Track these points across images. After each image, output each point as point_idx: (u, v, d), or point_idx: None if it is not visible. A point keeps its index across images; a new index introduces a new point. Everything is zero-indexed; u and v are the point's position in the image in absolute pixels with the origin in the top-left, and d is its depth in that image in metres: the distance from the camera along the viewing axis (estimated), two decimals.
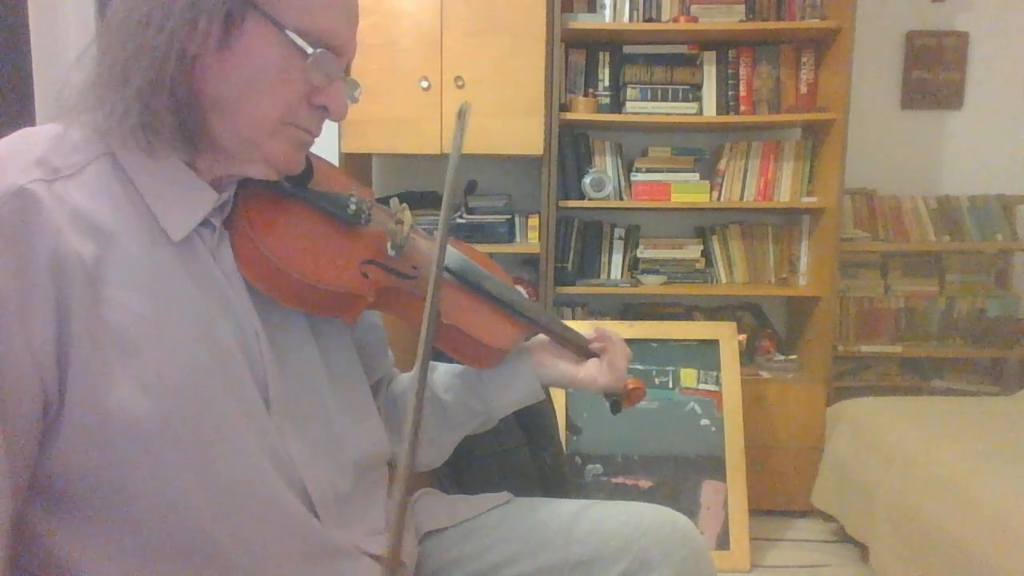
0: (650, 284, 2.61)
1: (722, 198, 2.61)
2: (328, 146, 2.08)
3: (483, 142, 2.35)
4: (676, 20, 2.48)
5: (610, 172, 2.61)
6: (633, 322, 2.52)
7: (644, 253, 2.68)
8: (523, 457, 1.59)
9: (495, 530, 0.91)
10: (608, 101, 2.60)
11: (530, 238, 2.55)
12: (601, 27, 2.50)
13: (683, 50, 2.58)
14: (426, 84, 2.34)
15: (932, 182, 2.86)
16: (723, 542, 2.20)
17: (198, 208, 0.70)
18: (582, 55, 2.60)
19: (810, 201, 2.55)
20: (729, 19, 2.51)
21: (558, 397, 2.26)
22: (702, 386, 2.33)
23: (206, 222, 0.71)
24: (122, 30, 0.67)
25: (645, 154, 2.67)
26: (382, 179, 2.84)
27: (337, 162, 2.39)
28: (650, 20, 2.54)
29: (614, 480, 2.26)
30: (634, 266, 2.71)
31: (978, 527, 1.60)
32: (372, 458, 0.85)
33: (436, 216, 0.78)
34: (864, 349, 2.65)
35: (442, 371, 0.99)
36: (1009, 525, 1.53)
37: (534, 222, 2.55)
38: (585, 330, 1.00)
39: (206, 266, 0.70)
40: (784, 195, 2.60)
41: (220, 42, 0.67)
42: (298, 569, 0.72)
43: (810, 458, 2.42)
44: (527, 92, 2.35)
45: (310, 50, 0.69)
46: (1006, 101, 2.83)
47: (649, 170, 2.61)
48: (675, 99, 2.55)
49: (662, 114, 2.54)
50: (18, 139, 0.67)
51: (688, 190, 2.59)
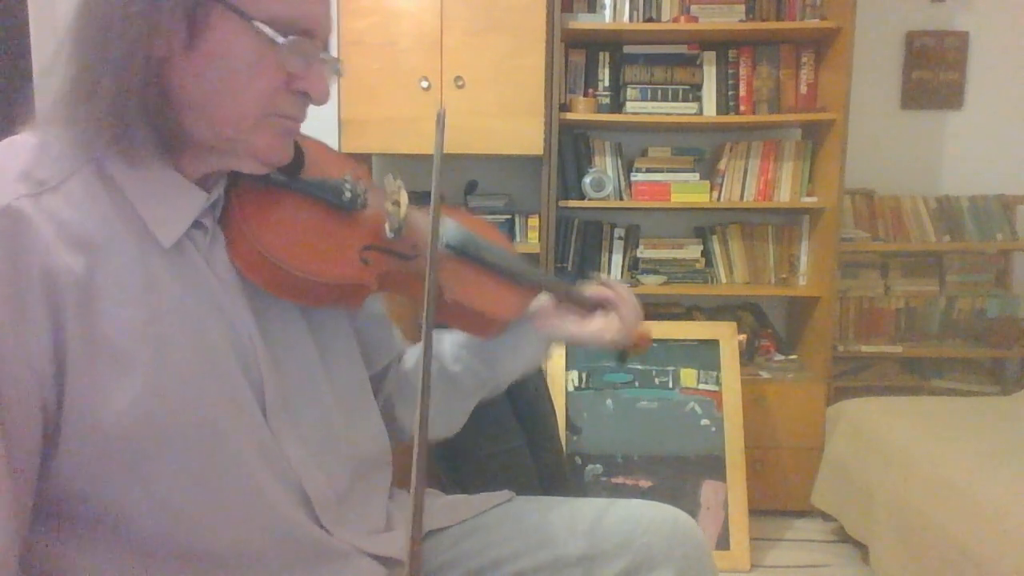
0: (650, 284, 2.61)
1: (722, 198, 2.61)
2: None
3: (483, 142, 2.35)
4: (676, 20, 2.48)
5: (610, 172, 2.61)
6: None
7: (644, 253, 2.68)
8: (523, 457, 1.59)
9: (496, 528, 0.91)
10: (608, 101, 2.60)
11: (530, 238, 2.55)
12: (601, 27, 2.50)
13: (683, 50, 2.58)
14: (426, 84, 2.34)
15: (932, 182, 2.85)
16: (723, 542, 2.19)
17: (188, 211, 0.68)
18: (582, 55, 2.60)
19: (810, 201, 2.55)
20: (729, 19, 2.51)
21: (558, 397, 2.26)
22: (702, 386, 2.33)
23: (197, 223, 0.70)
24: (83, 40, 0.64)
25: (645, 154, 2.67)
26: (382, 179, 2.83)
27: None
28: (650, 20, 2.54)
29: (614, 480, 2.26)
30: (634, 266, 2.70)
31: (978, 527, 1.59)
32: (371, 458, 0.85)
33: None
34: (864, 349, 2.65)
35: (448, 342, 0.96)
36: (1009, 525, 1.53)
37: (534, 222, 2.55)
38: (594, 287, 0.97)
39: (198, 270, 0.69)
40: (784, 195, 2.60)
41: (187, 42, 0.64)
42: (298, 571, 0.72)
43: (810, 458, 2.42)
44: (527, 92, 2.35)
45: (281, 39, 0.66)
46: (1006, 101, 2.83)
47: (649, 170, 2.61)
48: (675, 99, 2.55)
49: (662, 114, 2.53)
50: None
51: (688, 190, 2.59)
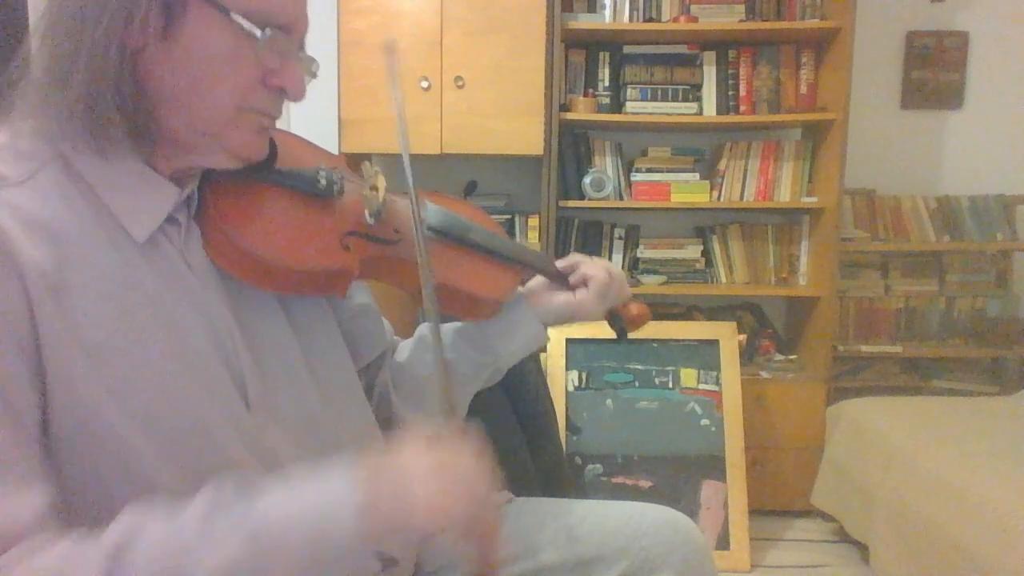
0: (650, 284, 2.61)
1: (722, 198, 2.61)
2: (328, 146, 2.07)
3: (483, 142, 2.35)
4: (676, 20, 2.48)
5: (610, 172, 2.61)
6: None
7: (644, 253, 2.68)
8: (523, 457, 1.58)
9: None
10: (608, 101, 2.60)
11: (530, 238, 2.55)
12: (601, 27, 2.50)
13: (683, 50, 2.58)
14: (426, 84, 2.34)
15: (932, 182, 2.85)
16: (723, 542, 2.19)
17: (160, 206, 0.68)
18: (582, 55, 2.60)
19: (810, 201, 2.55)
20: (729, 19, 2.50)
21: (558, 397, 2.26)
22: (702, 386, 2.33)
23: (171, 219, 0.69)
24: (57, 28, 0.63)
25: (645, 154, 2.67)
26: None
27: None
28: (650, 20, 2.54)
29: (614, 480, 2.26)
30: (634, 266, 2.70)
31: (978, 527, 1.60)
32: (359, 448, 0.84)
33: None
34: (864, 349, 2.65)
35: (443, 331, 0.96)
36: (1009, 525, 1.53)
37: (534, 222, 2.55)
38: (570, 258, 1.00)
39: (174, 266, 0.68)
40: (784, 195, 2.60)
41: (163, 33, 0.63)
42: None
43: (810, 458, 2.42)
44: (527, 92, 2.35)
45: (259, 32, 0.66)
46: (1006, 101, 2.83)
47: (649, 170, 2.61)
48: (675, 99, 2.55)
49: (662, 114, 2.53)
50: None
51: (688, 190, 2.58)
